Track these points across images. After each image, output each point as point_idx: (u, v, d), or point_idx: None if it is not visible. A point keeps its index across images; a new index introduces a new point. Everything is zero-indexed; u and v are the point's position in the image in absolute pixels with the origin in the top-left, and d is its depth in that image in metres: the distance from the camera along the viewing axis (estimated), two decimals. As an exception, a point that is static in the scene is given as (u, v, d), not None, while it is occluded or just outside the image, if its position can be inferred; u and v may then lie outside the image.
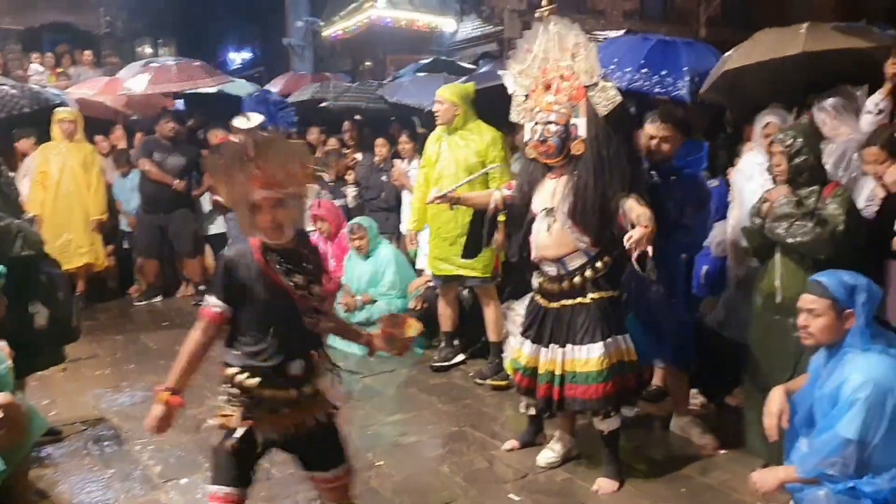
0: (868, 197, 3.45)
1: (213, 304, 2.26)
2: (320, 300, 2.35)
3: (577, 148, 3.14)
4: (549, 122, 3.17)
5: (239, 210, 2.22)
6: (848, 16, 4.02)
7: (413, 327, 2.54)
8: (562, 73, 3.19)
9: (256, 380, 2.24)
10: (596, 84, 3.12)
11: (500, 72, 5.45)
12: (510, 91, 3.44)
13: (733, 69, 4.31)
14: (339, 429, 2.48)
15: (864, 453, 2.31)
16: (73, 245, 6.49)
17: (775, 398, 2.62)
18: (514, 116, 3.46)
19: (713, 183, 4.19)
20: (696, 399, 4.21)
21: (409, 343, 2.57)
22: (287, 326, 2.27)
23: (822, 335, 2.54)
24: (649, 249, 2.80)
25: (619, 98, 3.10)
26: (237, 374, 2.26)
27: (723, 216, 4.05)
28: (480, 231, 3.56)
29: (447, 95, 4.62)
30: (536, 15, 3.34)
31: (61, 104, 7.24)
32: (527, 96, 3.35)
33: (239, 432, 2.24)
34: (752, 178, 3.41)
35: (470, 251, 3.72)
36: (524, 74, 3.34)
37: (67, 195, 6.51)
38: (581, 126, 3.14)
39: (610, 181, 3.08)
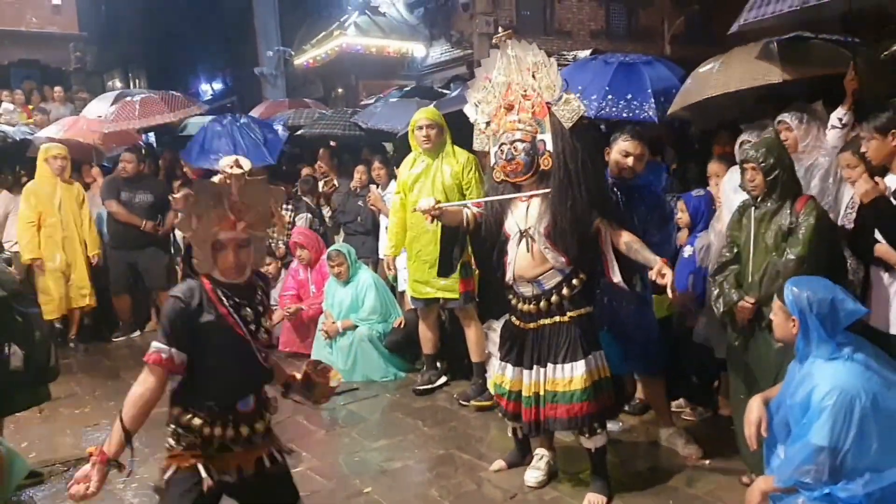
0: (848, 204, 3.55)
1: (160, 349, 2.16)
2: (269, 334, 2.33)
3: (545, 163, 3.16)
4: (516, 140, 3.19)
5: (200, 247, 2.19)
6: (803, 27, 4.13)
7: (336, 378, 2.53)
8: (524, 92, 3.23)
9: (201, 420, 2.19)
10: (560, 98, 3.16)
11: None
12: (472, 120, 3.45)
13: (715, 96, 4.35)
14: (289, 470, 2.45)
15: (837, 459, 2.36)
16: (75, 287, 6.41)
17: (753, 407, 2.68)
18: (476, 145, 3.48)
19: (699, 192, 4.28)
20: (687, 410, 4.26)
21: (329, 393, 2.54)
22: (237, 362, 2.23)
23: (777, 331, 2.73)
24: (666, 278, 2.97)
25: (582, 109, 3.14)
26: (184, 414, 2.21)
27: (706, 226, 4.12)
28: (453, 249, 3.58)
29: (436, 118, 4.63)
30: (493, 41, 3.39)
31: (23, 141, 7.20)
32: (488, 123, 3.36)
33: (187, 474, 2.17)
34: (737, 191, 3.47)
35: (444, 269, 3.72)
36: (485, 101, 3.37)
37: (70, 237, 6.35)
38: (548, 141, 3.17)
39: (580, 194, 3.11)
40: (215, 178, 2.38)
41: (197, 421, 2.19)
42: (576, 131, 3.14)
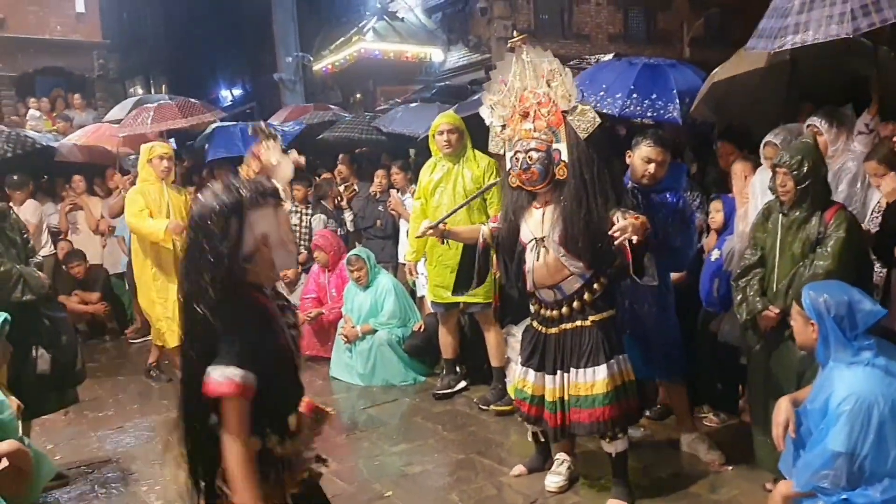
0: (874, 208, 3.52)
1: (236, 375, 1.75)
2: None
3: (560, 172, 3.16)
4: (531, 150, 3.18)
5: (282, 250, 1.91)
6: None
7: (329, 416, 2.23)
8: (539, 101, 3.22)
9: (274, 438, 1.89)
10: (575, 108, 3.15)
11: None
12: (487, 122, 3.45)
13: (724, 79, 4.35)
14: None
15: (855, 465, 2.34)
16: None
17: (782, 408, 2.64)
18: (492, 147, 3.48)
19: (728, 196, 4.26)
20: (710, 415, 4.22)
21: (326, 419, 2.17)
22: (288, 373, 1.99)
23: (798, 338, 2.70)
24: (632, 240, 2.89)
25: (598, 120, 3.13)
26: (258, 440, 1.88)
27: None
28: (471, 268, 3.57)
29: (457, 123, 4.64)
30: (508, 46, 3.38)
31: (48, 149, 7.29)
32: (504, 126, 3.37)
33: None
34: (765, 192, 3.44)
35: (460, 288, 3.69)
36: (500, 105, 3.37)
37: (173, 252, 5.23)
38: (563, 151, 3.16)
39: (595, 203, 3.11)
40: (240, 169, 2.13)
41: (272, 441, 1.89)
42: (592, 139, 3.14)
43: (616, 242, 2.93)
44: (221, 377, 1.74)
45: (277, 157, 2.10)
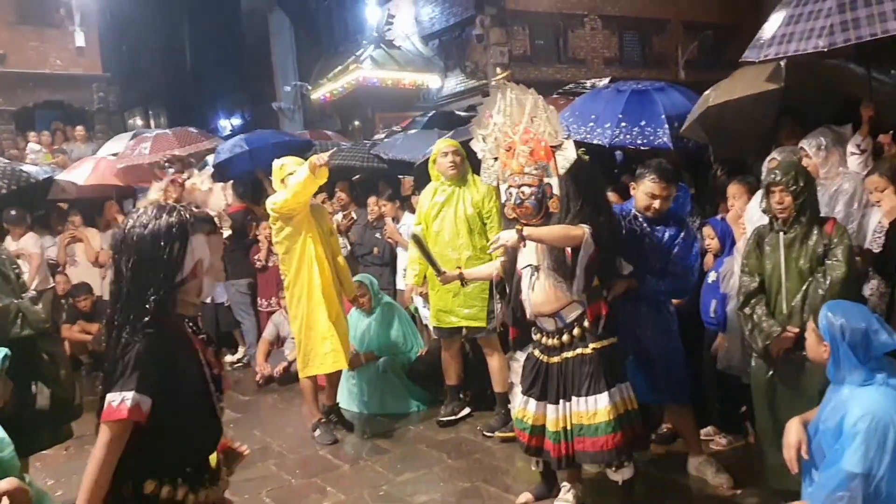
0: (876, 228, 3.52)
1: (130, 399, 1.74)
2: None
3: (553, 206, 3.20)
4: (523, 185, 3.21)
5: (218, 253, 1.94)
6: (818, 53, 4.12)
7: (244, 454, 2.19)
8: (525, 138, 3.25)
9: (185, 487, 1.85)
10: (561, 144, 3.18)
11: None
12: (479, 155, 3.49)
13: (716, 105, 4.39)
14: None
15: (871, 486, 2.30)
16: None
17: (792, 429, 2.61)
18: (484, 178, 3.52)
19: (723, 216, 4.25)
20: (717, 438, 4.18)
21: (239, 459, 2.16)
22: (203, 410, 1.90)
23: (809, 352, 2.68)
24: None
25: (573, 156, 3.15)
26: (157, 486, 1.83)
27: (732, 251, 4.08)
28: (493, 300, 3.75)
29: (459, 147, 4.67)
30: (492, 83, 3.42)
31: (45, 182, 7.31)
32: (496, 158, 3.40)
33: None
34: (763, 217, 3.45)
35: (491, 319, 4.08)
36: (488, 138, 3.40)
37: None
38: (554, 185, 3.19)
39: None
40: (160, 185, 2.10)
41: (181, 491, 1.85)
42: (582, 170, 3.17)
43: (490, 250, 3.29)
44: (115, 401, 1.75)
45: (208, 184, 2.12)
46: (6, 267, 3.84)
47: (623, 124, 4.77)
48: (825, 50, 3.58)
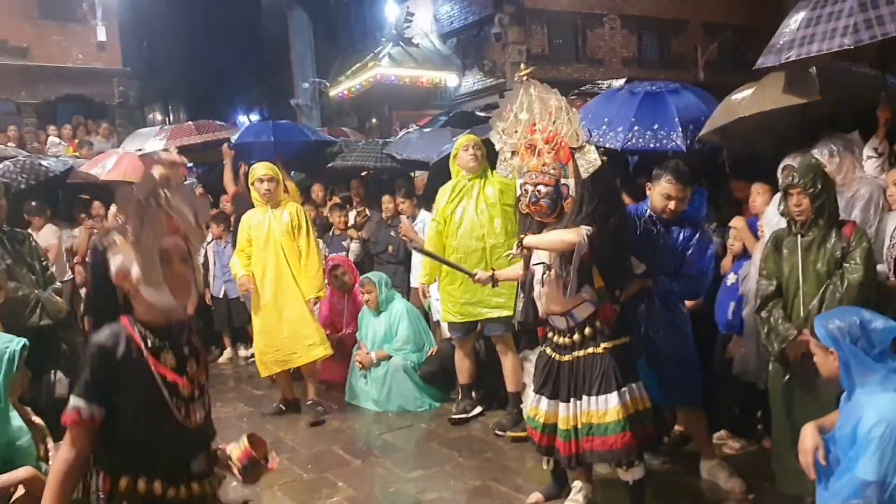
0: (893, 234, 3.48)
1: (79, 406, 1.81)
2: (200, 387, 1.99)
3: (568, 207, 3.19)
4: (539, 184, 3.21)
5: (148, 259, 1.83)
6: (837, 57, 4.08)
7: (272, 456, 2.13)
8: (546, 137, 3.24)
9: (160, 482, 1.88)
10: (582, 147, 3.17)
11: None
12: (497, 148, 3.48)
13: (746, 116, 4.30)
14: None
15: (886, 494, 2.28)
16: (291, 339, 5.17)
17: (808, 435, 2.58)
18: (501, 172, 3.51)
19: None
20: (731, 442, 4.16)
21: (264, 471, 2.09)
22: (161, 419, 1.89)
23: (822, 370, 2.61)
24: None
25: (598, 162, 3.14)
26: (131, 480, 1.87)
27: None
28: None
29: (480, 142, 4.68)
30: (516, 78, 3.41)
31: (63, 173, 7.38)
32: (513, 153, 3.39)
33: None
34: (782, 220, 3.42)
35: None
36: (508, 133, 3.39)
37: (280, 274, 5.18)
38: (571, 186, 3.18)
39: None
40: (154, 172, 1.88)
41: (156, 485, 1.89)
42: (598, 172, 3.15)
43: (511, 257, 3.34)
44: (70, 406, 1.84)
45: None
46: (33, 258, 3.90)
47: (636, 128, 4.73)
48: (851, 48, 3.54)
